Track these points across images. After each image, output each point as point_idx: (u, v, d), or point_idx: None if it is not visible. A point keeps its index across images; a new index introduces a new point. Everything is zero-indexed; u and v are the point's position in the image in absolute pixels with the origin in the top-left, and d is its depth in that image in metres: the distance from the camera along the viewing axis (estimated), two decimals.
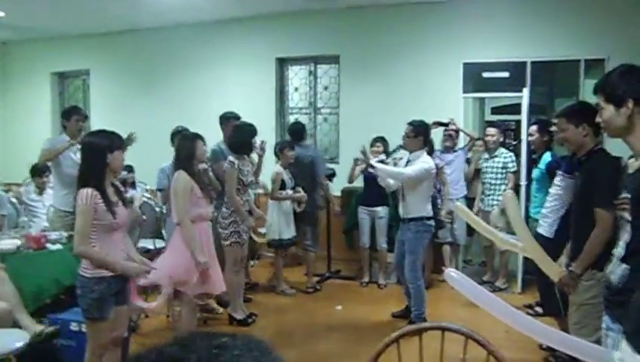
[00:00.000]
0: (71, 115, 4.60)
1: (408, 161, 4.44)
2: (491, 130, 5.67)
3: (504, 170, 5.50)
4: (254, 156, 4.81)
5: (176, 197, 3.55)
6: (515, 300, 4.63)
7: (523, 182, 5.33)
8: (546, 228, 3.72)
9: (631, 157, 1.92)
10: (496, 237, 3.58)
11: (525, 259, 4.88)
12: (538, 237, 3.80)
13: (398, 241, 4.55)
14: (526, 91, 5.58)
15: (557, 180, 3.65)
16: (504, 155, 5.53)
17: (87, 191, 2.72)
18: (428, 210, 4.39)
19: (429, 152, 5.51)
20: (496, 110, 10.38)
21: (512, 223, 3.19)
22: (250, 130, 4.57)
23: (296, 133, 5.63)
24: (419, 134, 4.33)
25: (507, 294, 5.23)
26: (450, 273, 2.32)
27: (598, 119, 1.94)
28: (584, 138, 2.68)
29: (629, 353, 1.50)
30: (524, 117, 5.52)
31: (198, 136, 3.72)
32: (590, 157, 2.69)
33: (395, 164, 4.90)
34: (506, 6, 5.96)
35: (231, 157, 4.41)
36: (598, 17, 5.64)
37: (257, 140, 4.67)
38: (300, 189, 5.58)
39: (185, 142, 3.69)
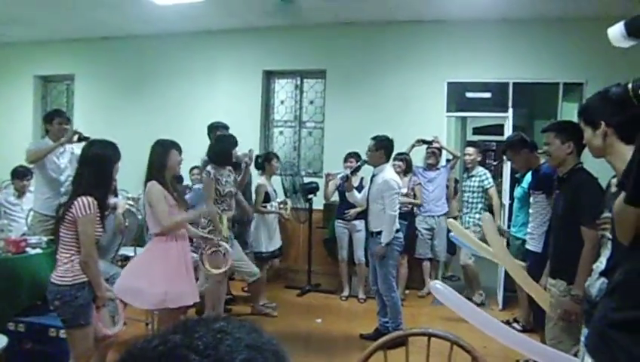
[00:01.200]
0: (53, 118, 4.58)
1: (373, 176, 4.48)
2: (469, 150, 5.80)
3: (481, 188, 5.60)
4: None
5: (152, 207, 3.45)
6: (495, 316, 4.69)
7: (506, 201, 5.45)
8: (533, 244, 3.82)
9: (614, 176, 1.99)
10: (490, 253, 3.63)
11: (506, 275, 4.96)
12: (529, 254, 3.90)
13: (370, 255, 4.58)
14: (510, 112, 5.72)
15: (531, 199, 3.79)
16: (480, 174, 5.64)
17: (89, 200, 2.72)
18: (395, 223, 4.41)
19: (407, 170, 5.62)
20: (477, 130, 10.59)
21: (490, 245, 3.27)
22: (231, 142, 4.55)
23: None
24: (380, 148, 4.39)
25: (486, 310, 5.28)
26: (436, 285, 2.35)
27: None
28: (567, 155, 2.76)
29: None
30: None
31: (172, 145, 3.55)
32: (571, 176, 2.76)
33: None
34: (490, 28, 6.10)
35: (208, 167, 4.37)
36: (577, 43, 5.82)
37: (240, 150, 4.69)
38: (287, 200, 5.61)
39: (158, 151, 3.52)
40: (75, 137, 4.48)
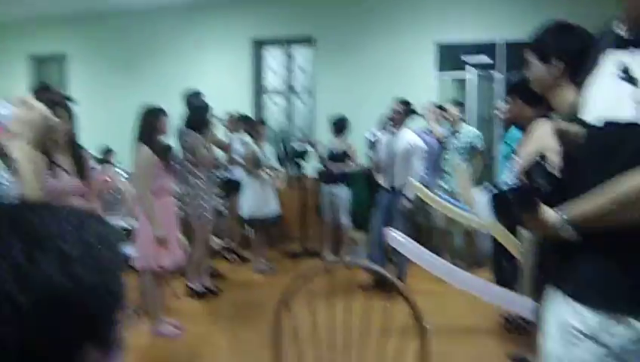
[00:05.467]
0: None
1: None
2: (450, 107, 5.38)
3: (468, 148, 5.20)
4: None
5: (138, 170, 3.60)
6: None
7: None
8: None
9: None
10: (459, 215, 3.52)
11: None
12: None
13: (383, 208, 4.63)
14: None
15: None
16: (469, 133, 5.24)
17: None
18: None
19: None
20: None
21: (462, 195, 3.24)
22: (205, 107, 4.61)
23: None
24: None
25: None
26: (391, 233, 2.37)
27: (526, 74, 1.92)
28: (520, 111, 2.73)
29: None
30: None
31: (160, 110, 3.71)
32: None
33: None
34: None
35: (192, 133, 4.42)
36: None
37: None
38: (280, 169, 5.60)
39: (147, 117, 3.66)
40: None
